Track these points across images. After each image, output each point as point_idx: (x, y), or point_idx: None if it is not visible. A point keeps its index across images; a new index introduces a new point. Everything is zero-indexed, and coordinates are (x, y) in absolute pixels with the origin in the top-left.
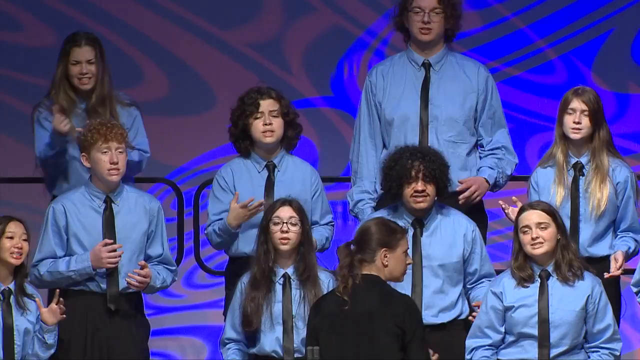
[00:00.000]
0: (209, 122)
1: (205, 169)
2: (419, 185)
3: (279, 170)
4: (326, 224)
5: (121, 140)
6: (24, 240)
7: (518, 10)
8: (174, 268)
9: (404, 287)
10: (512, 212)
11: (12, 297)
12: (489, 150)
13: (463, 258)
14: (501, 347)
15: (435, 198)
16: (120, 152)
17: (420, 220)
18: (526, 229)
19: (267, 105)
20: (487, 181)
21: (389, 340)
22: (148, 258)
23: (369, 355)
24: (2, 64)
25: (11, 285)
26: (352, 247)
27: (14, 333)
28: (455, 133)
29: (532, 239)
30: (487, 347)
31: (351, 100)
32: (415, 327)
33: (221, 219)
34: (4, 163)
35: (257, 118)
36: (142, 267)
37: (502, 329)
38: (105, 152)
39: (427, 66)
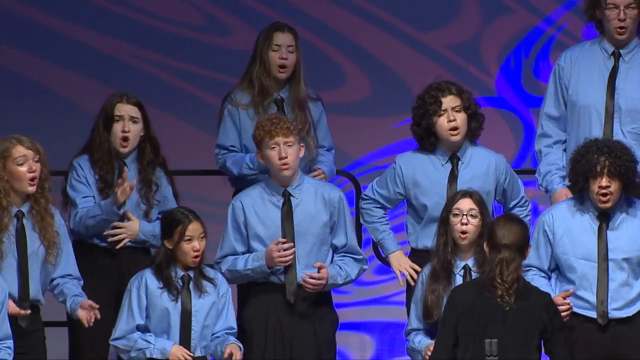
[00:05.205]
0: (396, 120)
1: (383, 164)
2: (604, 181)
3: (462, 163)
4: (516, 205)
5: (288, 134)
6: (202, 237)
7: None
8: (361, 257)
9: (590, 281)
10: None
11: (191, 282)
12: None
13: None
14: None
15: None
16: (289, 145)
17: (606, 214)
18: None
19: (448, 101)
20: None
21: (531, 339)
22: (334, 249)
23: (515, 354)
24: (211, 66)
25: (190, 272)
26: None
27: (192, 318)
28: (639, 125)
29: None
30: None
31: (512, 99)
32: (556, 321)
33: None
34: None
35: (440, 115)
36: (319, 269)
37: None
38: (274, 147)
39: (616, 56)
